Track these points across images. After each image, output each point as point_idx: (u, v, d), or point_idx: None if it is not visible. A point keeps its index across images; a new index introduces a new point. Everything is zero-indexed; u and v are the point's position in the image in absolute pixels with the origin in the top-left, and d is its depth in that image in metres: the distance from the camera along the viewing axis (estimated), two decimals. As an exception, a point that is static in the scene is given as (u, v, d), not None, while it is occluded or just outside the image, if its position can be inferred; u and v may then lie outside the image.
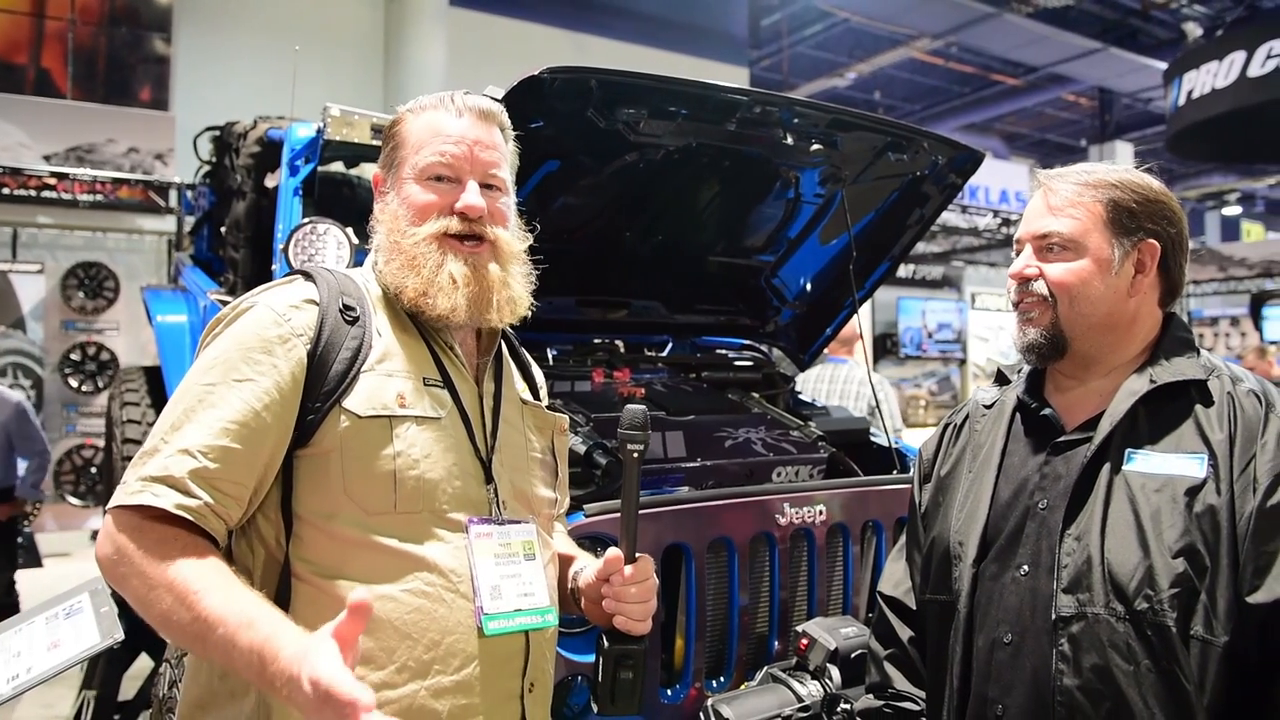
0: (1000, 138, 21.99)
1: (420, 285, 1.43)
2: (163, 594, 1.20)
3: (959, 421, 1.83)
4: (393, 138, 1.53)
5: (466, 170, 1.47)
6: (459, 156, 1.47)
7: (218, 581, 1.20)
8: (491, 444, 1.49)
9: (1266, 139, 15.11)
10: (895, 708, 1.78)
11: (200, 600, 1.18)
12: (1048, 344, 1.59)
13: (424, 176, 1.47)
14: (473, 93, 1.55)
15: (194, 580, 1.19)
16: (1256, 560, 1.36)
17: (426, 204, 1.46)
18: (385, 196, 1.53)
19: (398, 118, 1.53)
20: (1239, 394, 1.48)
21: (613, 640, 1.48)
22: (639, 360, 3.43)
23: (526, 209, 2.84)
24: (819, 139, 2.80)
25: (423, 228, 1.45)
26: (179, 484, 1.26)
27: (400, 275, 1.45)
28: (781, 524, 2.49)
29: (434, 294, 1.43)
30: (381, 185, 1.55)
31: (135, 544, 1.23)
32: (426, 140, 1.48)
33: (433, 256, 1.44)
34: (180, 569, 1.21)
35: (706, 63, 13.47)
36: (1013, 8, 14.30)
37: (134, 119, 9.79)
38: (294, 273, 1.50)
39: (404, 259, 1.45)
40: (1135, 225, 1.56)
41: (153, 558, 1.22)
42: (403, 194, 1.48)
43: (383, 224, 1.51)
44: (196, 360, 1.39)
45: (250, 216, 3.94)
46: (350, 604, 1.03)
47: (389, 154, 1.53)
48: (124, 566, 1.24)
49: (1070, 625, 1.46)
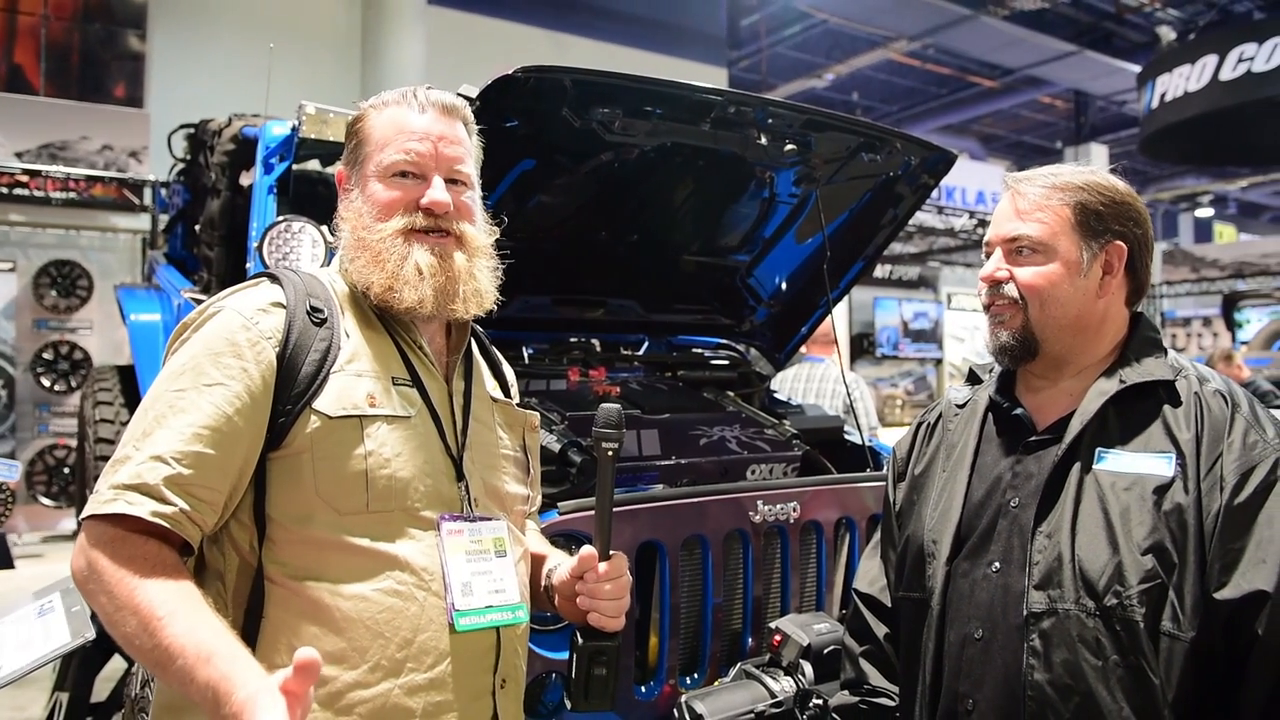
0: (976, 139, 22.15)
1: (386, 279, 1.43)
2: (128, 616, 1.19)
3: (932, 421, 1.85)
4: (356, 134, 1.52)
5: (431, 166, 1.48)
6: (423, 154, 1.47)
7: (182, 608, 1.19)
8: (462, 441, 1.49)
9: (1237, 142, 15.33)
10: (870, 703, 1.80)
11: (163, 628, 1.16)
12: (1019, 346, 1.61)
13: (388, 174, 1.47)
14: (435, 88, 1.55)
15: (159, 605, 1.18)
16: (1224, 557, 1.39)
17: (391, 200, 1.46)
18: (350, 194, 1.52)
19: (360, 114, 1.53)
20: (1206, 394, 1.51)
21: (586, 637, 1.50)
22: (614, 359, 3.44)
23: (502, 208, 2.86)
24: (793, 139, 2.82)
25: (388, 223, 1.45)
26: (153, 491, 1.25)
27: (366, 271, 1.45)
28: (755, 521, 2.50)
29: (400, 287, 1.43)
30: (346, 182, 1.54)
31: (106, 559, 1.22)
32: (390, 137, 1.48)
33: (398, 249, 1.44)
34: (147, 592, 1.20)
35: (685, 63, 13.49)
36: (989, 10, 14.41)
37: (108, 116, 9.69)
38: (259, 275, 1.49)
39: (369, 255, 1.45)
40: (1102, 227, 1.58)
41: (121, 577, 1.21)
42: (367, 191, 1.48)
43: (347, 221, 1.50)
44: (164, 366, 1.38)
45: (225, 214, 3.92)
46: (297, 662, 1.01)
47: (352, 151, 1.53)
48: (94, 583, 1.23)
49: (1041, 621, 1.48)
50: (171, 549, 1.26)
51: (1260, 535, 1.38)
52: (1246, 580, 1.37)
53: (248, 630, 1.31)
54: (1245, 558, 1.38)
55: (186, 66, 10.30)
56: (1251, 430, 1.45)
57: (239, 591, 1.34)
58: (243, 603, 1.33)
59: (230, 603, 1.34)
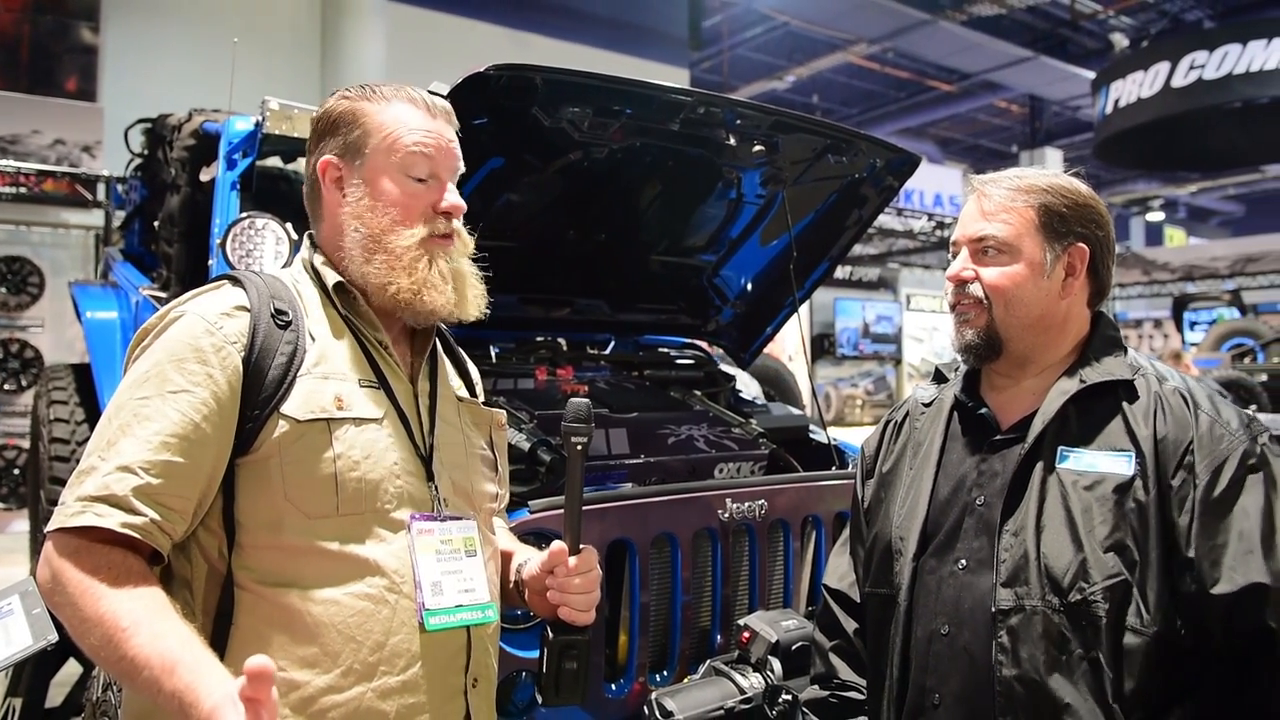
0: (934, 142, 22.43)
1: (414, 285, 1.44)
2: (93, 628, 1.18)
3: (899, 419, 1.87)
4: (352, 124, 1.48)
5: (443, 168, 1.49)
6: (440, 158, 1.48)
7: (147, 618, 1.18)
8: (430, 442, 1.49)
9: (1189, 147, 15.68)
10: (840, 697, 1.82)
11: (127, 639, 1.16)
12: (984, 344, 1.64)
13: (403, 171, 1.46)
14: (434, 90, 1.56)
15: (124, 616, 1.17)
16: (1209, 555, 1.41)
17: (412, 204, 1.46)
18: (350, 187, 1.48)
19: (355, 105, 1.49)
20: (1165, 392, 1.54)
21: (557, 631, 1.50)
22: (582, 358, 3.44)
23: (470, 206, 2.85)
24: (760, 140, 2.84)
25: (414, 230, 1.45)
26: (122, 502, 1.23)
27: (385, 273, 1.44)
28: (723, 519, 2.52)
29: (428, 291, 1.44)
30: (342, 173, 1.49)
31: (71, 571, 1.21)
32: (403, 135, 1.46)
33: (423, 255, 1.45)
34: (112, 603, 1.18)
35: (647, 63, 13.49)
36: (947, 15, 14.60)
37: (60, 110, 9.49)
38: (221, 278, 1.47)
39: (390, 258, 1.44)
40: (1066, 229, 1.61)
41: (86, 588, 1.20)
42: (379, 189, 1.46)
43: (358, 219, 1.47)
44: (127, 374, 1.36)
45: (185, 211, 3.86)
46: (248, 670, 1.00)
47: (350, 141, 1.48)
48: (59, 596, 1.22)
49: (1009, 618, 1.51)
50: (139, 557, 1.25)
51: (1240, 527, 1.41)
52: (1240, 574, 1.39)
53: (217, 638, 1.29)
54: (1230, 551, 1.40)
55: (140, 60, 10.11)
56: (1216, 424, 1.48)
57: (208, 599, 1.32)
58: (212, 610, 1.32)
59: (199, 610, 1.32)
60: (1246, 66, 12.84)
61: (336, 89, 1.55)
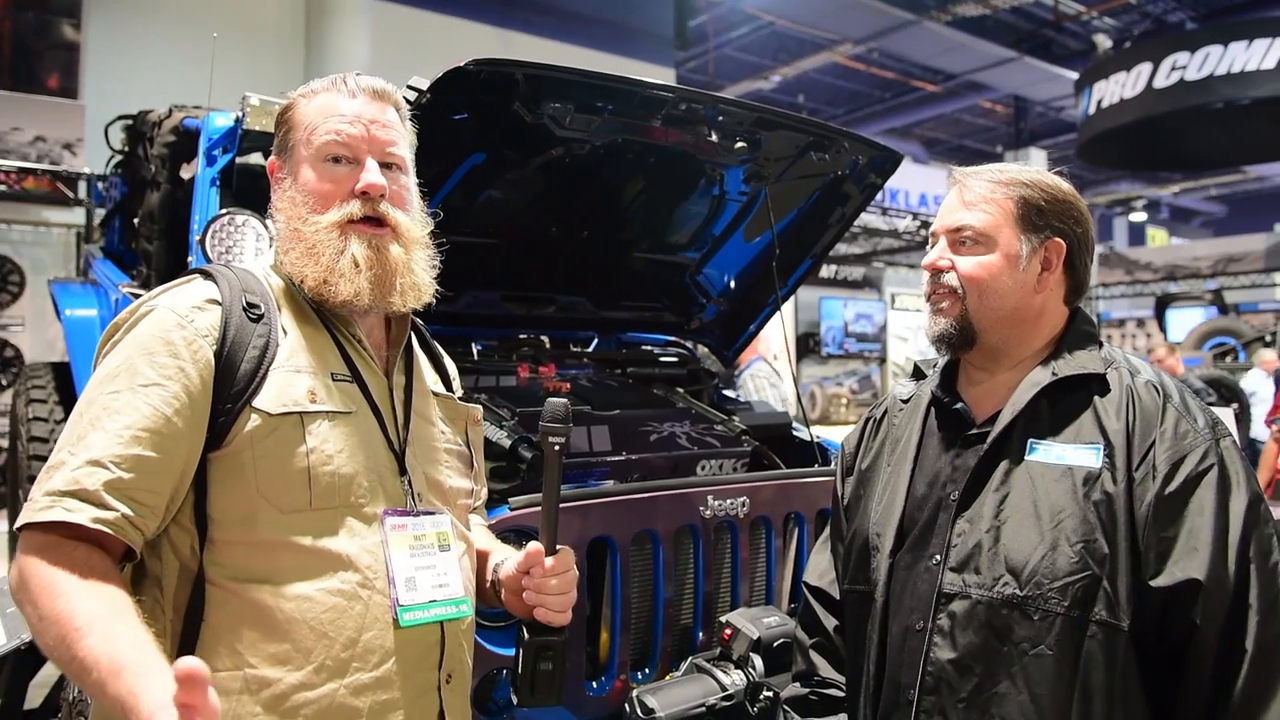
0: (920, 143, 22.52)
1: (320, 273, 1.40)
2: (49, 626, 1.16)
3: (879, 416, 1.87)
4: (285, 123, 1.48)
5: (364, 149, 1.44)
6: (354, 135, 1.43)
7: (101, 620, 1.14)
8: (404, 436, 1.47)
9: (1170, 148, 15.78)
10: (820, 694, 1.82)
11: (79, 639, 1.13)
12: (957, 334, 1.64)
13: (320, 158, 1.43)
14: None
15: (78, 616, 1.14)
16: (1158, 545, 1.41)
17: (328, 190, 1.43)
18: (282, 183, 1.48)
19: (290, 103, 1.49)
20: (1137, 385, 1.54)
21: (533, 632, 1.49)
22: (565, 356, 3.44)
23: (452, 201, 2.84)
24: (743, 137, 2.84)
25: (325, 215, 1.41)
26: (93, 497, 1.21)
27: (300, 263, 1.42)
28: (705, 516, 2.51)
29: (335, 280, 1.40)
30: (278, 172, 1.50)
31: (35, 568, 1.19)
32: (319, 121, 1.44)
33: (333, 243, 1.41)
34: (69, 603, 1.16)
35: (633, 62, 13.51)
36: (931, 15, 14.66)
37: (41, 107, 9.44)
38: (192, 272, 1.45)
39: (304, 246, 1.42)
40: (1043, 223, 1.61)
41: (46, 586, 1.17)
42: (300, 179, 1.44)
43: (282, 212, 1.46)
44: (97, 369, 1.33)
45: (165, 208, 3.83)
46: (176, 673, 0.95)
47: (282, 139, 1.48)
48: (21, 593, 1.20)
49: (951, 603, 1.52)
50: (105, 555, 1.22)
51: (1192, 523, 1.41)
52: (1180, 568, 1.39)
53: (188, 635, 1.28)
54: (1178, 545, 1.41)
55: (122, 57, 10.05)
56: (1183, 420, 1.49)
57: (179, 596, 1.30)
58: (182, 607, 1.30)
59: (169, 607, 1.30)
60: (1228, 68, 12.93)
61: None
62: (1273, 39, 12.74)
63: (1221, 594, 1.38)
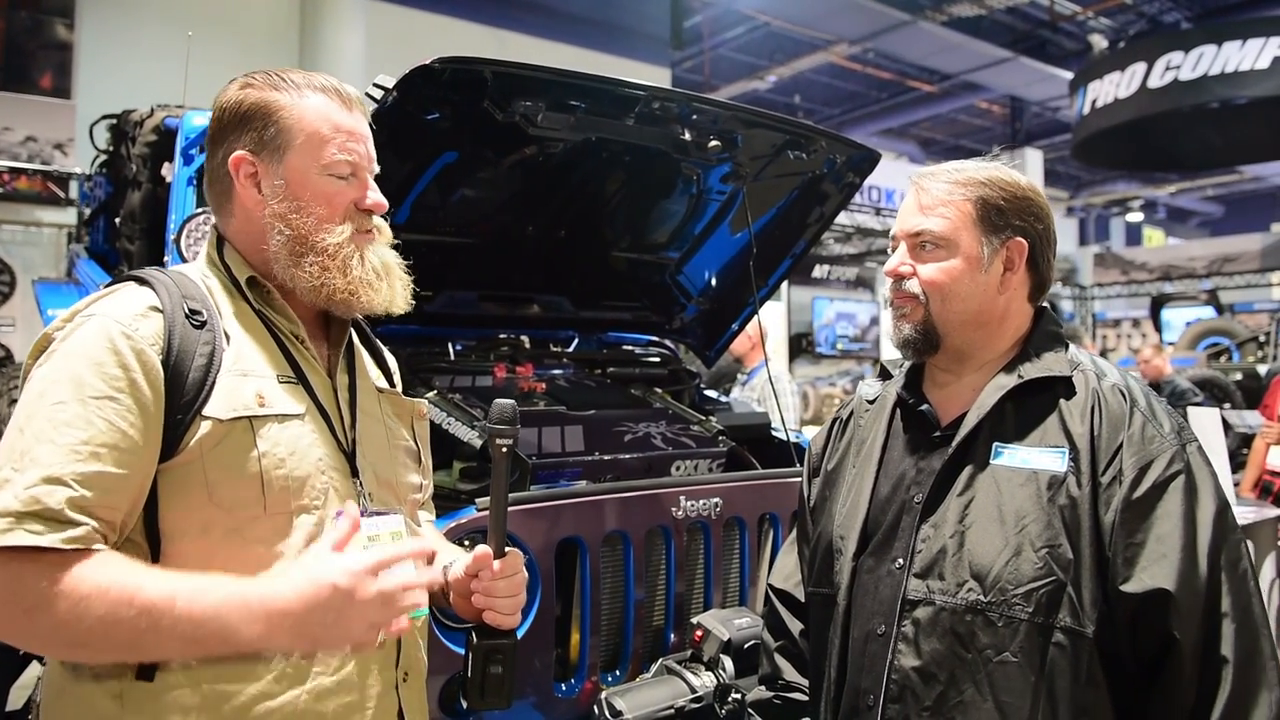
0: (916, 143, 22.52)
1: (350, 285, 1.43)
2: (94, 603, 1.14)
3: (845, 417, 1.86)
4: (269, 120, 1.43)
5: (363, 164, 1.47)
6: (361, 155, 1.46)
7: (141, 569, 1.18)
8: (352, 436, 1.47)
9: (1164, 148, 15.79)
10: (785, 698, 1.81)
11: (170, 612, 1.15)
12: (921, 339, 1.62)
13: (325, 170, 1.43)
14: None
15: (127, 575, 1.16)
16: (1125, 551, 1.40)
17: (338, 204, 1.45)
18: (267, 186, 1.43)
19: (264, 97, 1.44)
20: (1103, 389, 1.52)
21: (482, 635, 1.48)
22: (543, 356, 3.42)
23: (425, 200, 2.83)
24: (718, 136, 2.82)
25: (343, 227, 1.44)
26: (57, 515, 1.16)
27: (322, 275, 1.42)
28: (678, 517, 2.50)
29: (364, 290, 1.44)
30: (252, 167, 1.44)
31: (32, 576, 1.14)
32: (324, 131, 1.43)
33: (355, 255, 1.44)
34: (106, 572, 1.16)
35: (629, 62, 13.49)
36: (927, 15, 14.64)
37: (33, 106, 9.42)
38: (125, 279, 1.41)
39: (323, 259, 1.42)
40: (1004, 223, 1.59)
41: (65, 577, 1.14)
42: (304, 189, 1.42)
43: (277, 219, 1.42)
44: (30, 382, 1.27)
45: (146, 207, 3.81)
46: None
47: (266, 137, 1.43)
48: (29, 599, 1.14)
49: (915, 609, 1.50)
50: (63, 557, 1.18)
51: (1160, 530, 1.40)
52: (1149, 576, 1.38)
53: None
54: (1146, 552, 1.39)
55: (116, 57, 10.03)
56: (1149, 424, 1.47)
57: None
58: None
59: None
60: (1221, 68, 12.93)
61: (237, 76, 1.49)
62: (1266, 39, 12.75)
63: (1194, 603, 1.37)
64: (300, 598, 1.21)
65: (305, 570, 1.24)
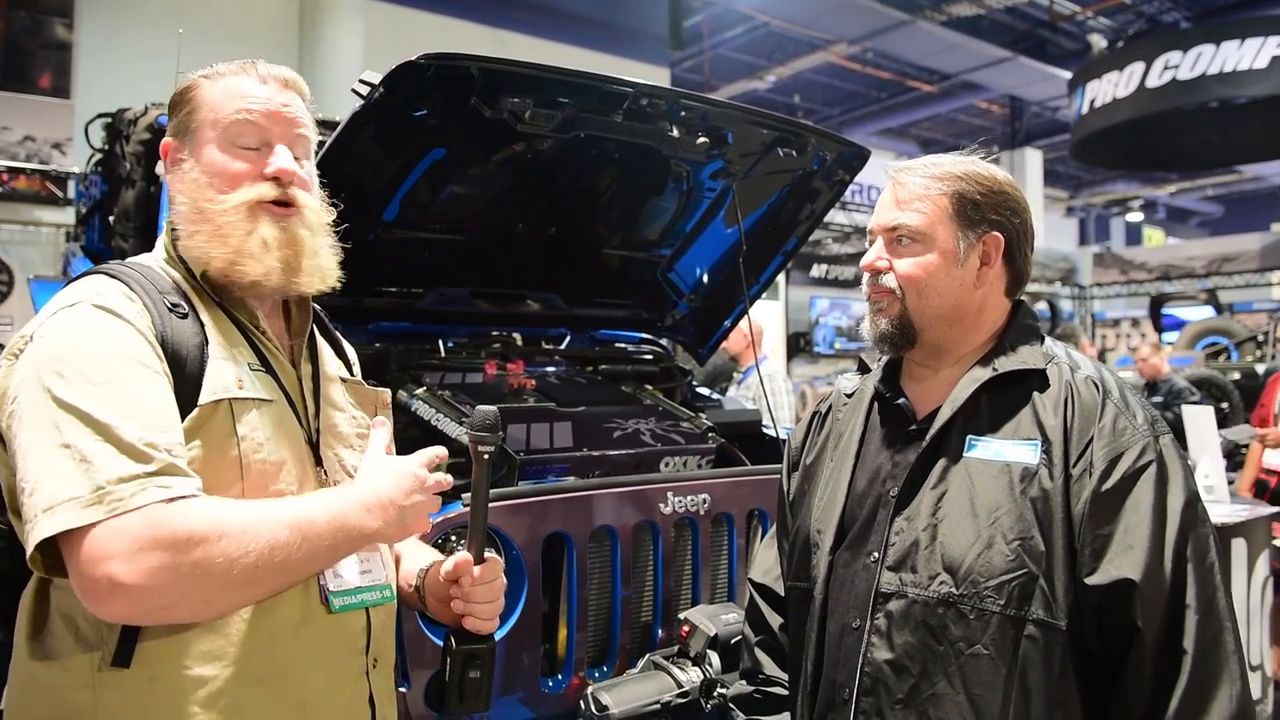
0: (916, 142, 22.49)
1: (229, 254, 1.37)
2: (254, 533, 1.19)
3: (823, 410, 1.85)
4: (186, 103, 1.43)
5: (275, 134, 1.42)
6: (267, 117, 1.42)
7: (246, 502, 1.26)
8: (316, 425, 1.47)
9: (1163, 147, 15.77)
10: (765, 693, 1.81)
11: (313, 525, 1.24)
12: (898, 334, 1.62)
13: (229, 141, 1.40)
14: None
15: (253, 507, 1.24)
16: (1093, 543, 1.40)
17: (238, 171, 1.40)
18: (181, 165, 1.43)
19: (191, 83, 1.45)
20: (1077, 381, 1.52)
21: (461, 640, 1.48)
22: (535, 353, 3.42)
23: (414, 198, 2.83)
24: (706, 133, 2.83)
25: (234, 195, 1.38)
26: (174, 469, 1.19)
27: (206, 246, 1.38)
28: (665, 513, 2.50)
29: (244, 260, 1.37)
30: (176, 154, 1.44)
31: (206, 521, 1.17)
32: (229, 104, 1.41)
33: (242, 224, 1.38)
34: (239, 509, 1.22)
35: (628, 62, 13.47)
36: (926, 15, 14.64)
37: (31, 106, 9.41)
38: (87, 273, 1.39)
39: (210, 228, 1.38)
40: (980, 217, 1.59)
41: (212, 518, 1.18)
42: (205, 160, 1.41)
43: (183, 193, 1.41)
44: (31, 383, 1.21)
45: (140, 206, 3.83)
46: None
47: (182, 119, 1.43)
48: (201, 547, 1.15)
49: (889, 602, 1.50)
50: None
51: (1128, 521, 1.40)
52: (1115, 567, 1.38)
53: (126, 637, 1.24)
54: (1113, 544, 1.39)
55: (115, 57, 10.02)
56: (1121, 416, 1.47)
57: None
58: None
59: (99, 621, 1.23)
60: (1220, 67, 12.91)
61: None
62: (1265, 38, 12.73)
63: (1158, 594, 1.37)
64: (399, 488, 1.34)
65: (387, 465, 1.38)
